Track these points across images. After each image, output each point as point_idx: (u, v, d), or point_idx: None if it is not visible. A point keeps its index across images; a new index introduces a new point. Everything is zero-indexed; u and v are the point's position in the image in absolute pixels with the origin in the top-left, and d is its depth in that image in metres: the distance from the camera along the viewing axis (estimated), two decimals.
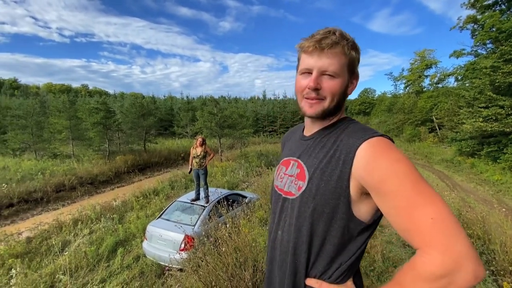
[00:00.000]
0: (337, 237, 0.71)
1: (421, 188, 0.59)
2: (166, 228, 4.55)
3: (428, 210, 0.56)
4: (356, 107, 64.24)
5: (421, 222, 0.56)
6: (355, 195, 0.69)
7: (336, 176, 0.69)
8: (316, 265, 0.74)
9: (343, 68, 0.74)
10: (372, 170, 0.64)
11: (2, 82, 50.12)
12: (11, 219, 7.71)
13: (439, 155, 16.74)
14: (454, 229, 0.53)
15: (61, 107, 14.85)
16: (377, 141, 0.66)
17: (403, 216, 0.59)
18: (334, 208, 0.70)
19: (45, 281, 4.26)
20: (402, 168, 0.61)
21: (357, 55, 0.76)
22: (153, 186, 9.84)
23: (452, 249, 0.52)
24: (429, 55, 30.91)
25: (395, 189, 0.60)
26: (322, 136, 0.80)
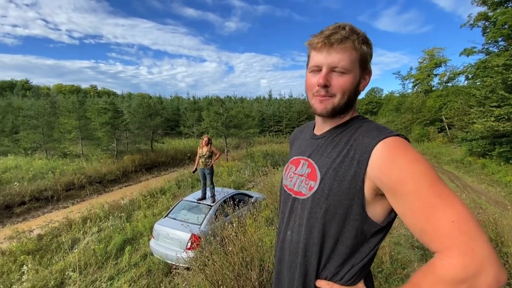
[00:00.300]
0: (350, 238, 0.70)
1: (439, 189, 0.57)
2: (173, 227, 4.59)
3: (448, 212, 0.54)
4: (363, 107, 63.59)
5: (441, 224, 0.54)
6: (369, 196, 0.67)
7: (350, 176, 0.68)
8: (328, 266, 0.73)
9: (354, 64, 0.71)
10: (389, 170, 0.62)
11: (14, 83, 51.46)
12: (23, 217, 7.90)
13: (448, 155, 16.44)
14: (476, 232, 0.52)
15: (70, 108, 15.14)
16: (393, 140, 0.65)
17: (420, 218, 0.58)
18: (348, 209, 0.69)
19: (55, 278, 4.36)
20: (420, 168, 0.60)
21: (369, 50, 0.74)
22: (160, 185, 9.95)
23: (474, 253, 0.50)
24: (438, 53, 30.36)
25: (412, 190, 0.59)
26: (334, 135, 0.77)
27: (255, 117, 23.58)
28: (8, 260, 4.94)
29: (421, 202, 0.57)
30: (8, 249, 5.38)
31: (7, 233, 6.40)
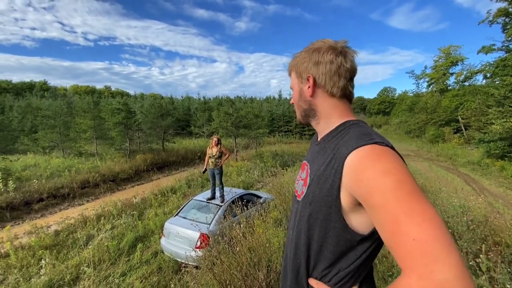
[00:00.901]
0: (332, 244, 0.71)
1: (407, 204, 0.54)
2: (183, 226, 4.67)
3: (411, 230, 0.52)
4: (375, 107, 62.38)
5: (403, 243, 0.53)
6: (347, 205, 0.67)
7: (329, 185, 0.69)
8: (317, 267, 0.76)
9: (293, 80, 0.88)
10: (358, 181, 0.62)
11: (33, 85, 53.54)
12: (41, 213, 8.23)
13: (465, 157, 15.90)
14: (440, 252, 0.49)
15: (86, 108, 15.60)
16: (367, 150, 0.63)
17: (387, 233, 0.57)
18: (327, 216, 0.70)
19: (71, 272, 4.52)
20: (388, 181, 0.57)
21: (296, 62, 0.85)
22: (171, 184, 10.11)
23: (432, 276, 0.48)
24: (455, 51, 29.41)
25: (379, 204, 0.58)
26: (326, 142, 0.80)
27: (264, 117, 23.55)
28: (27, 254, 5.17)
29: (387, 217, 0.56)
30: (28, 243, 5.63)
31: (26, 228, 6.69)
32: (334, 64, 0.77)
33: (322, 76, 0.78)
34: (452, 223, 3.66)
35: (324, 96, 0.80)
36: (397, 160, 0.62)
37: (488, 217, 4.32)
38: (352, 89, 0.82)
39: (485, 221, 4.14)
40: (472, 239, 3.25)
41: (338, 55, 0.77)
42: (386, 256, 3.47)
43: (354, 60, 0.79)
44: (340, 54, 0.77)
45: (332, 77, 0.77)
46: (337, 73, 0.77)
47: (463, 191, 8.23)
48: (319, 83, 0.79)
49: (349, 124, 0.76)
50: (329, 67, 0.77)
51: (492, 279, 2.71)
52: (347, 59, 0.78)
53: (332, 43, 0.80)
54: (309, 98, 0.82)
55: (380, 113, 60.85)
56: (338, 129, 0.78)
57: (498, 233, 3.69)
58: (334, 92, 0.78)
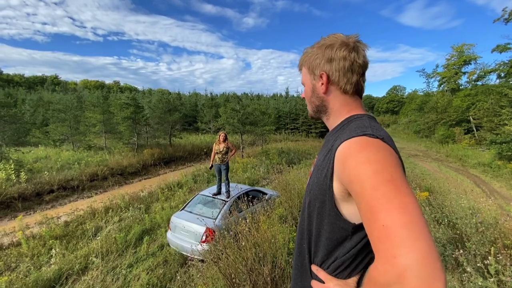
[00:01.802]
0: (328, 231, 0.75)
1: (381, 192, 0.56)
2: (189, 220, 4.73)
3: (381, 217, 0.54)
4: (384, 106, 61.46)
5: (374, 228, 0.55)
6: (339, 194, 0.70)
7: (324, 174, 0.73)
8: (317, 254, 0.80)
9: (305, 76, 0.88)
10: (343, 171, 0.65)
11: (45, 79, 54.64)
12: (51, 204, 8.45)
13: (475, 159, 15.56)
14: (406, 238, 0.49)
15: (95, 102, 15.86)
16: (354, 141, 0.66)
17: (364, 220, 0.59)
18: (322, 204, 0.74)
19: (80, 262, 4.64)
20: (366, 169, 0.59)
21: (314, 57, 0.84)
22: (177, 179, 10.22)
23: (396, 260, 0.49)
24: (468, 50, 28.62)
25: (357, 192, 0.61)
26: (330, 135, 0.84)
27: (271, 114, 23.53)
28: (38, 244, 5.32)
29: (363, 205, 0.59)
30: (39, 233, 5.80)
31: (37, 218, 6.88)
32: (348, 60, 0.77)
33: (336, 73, 0.79)
34: (461, 224, 3.61)
35: (337, 93, 0.82)
36: (383, 150, 0.63)
37: (498, 219, 4.24)
38: (364, 84, 0.83)
39: (495, 223, 4.06)
40: (481, 241, 3.20)
41: (351, 51, 0.77)
42: None
43: (366, 55, 0.80)
44: (353, 50, 0.77)
45: (346, 74, 0.78)
46: (350, 70, 0.78)
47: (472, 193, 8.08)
48: (333, 80, 0.80)
49: (352, 118, 0.78)
50: (342, 64, 0.77)
51: (501, 282, 2.66)
52: (360, 55, 0.78)
53: (344, 38, 0.79)
54: (322, 95, 0.84)
55: (389, 112, 59.93)
56: (342, 123, 0.81)
57: (508, 236, 3.62)
58: (347, 89, 0.80)
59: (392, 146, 0.66)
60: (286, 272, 2.65)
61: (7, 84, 43.49)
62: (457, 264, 3.04)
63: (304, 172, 7.67)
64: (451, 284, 2.78)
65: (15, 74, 54.57)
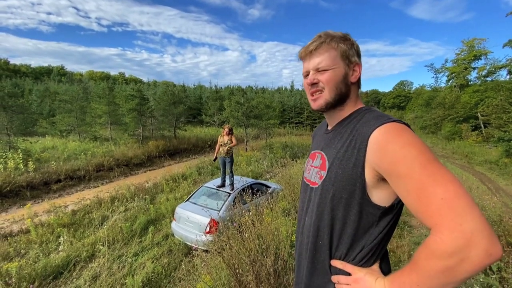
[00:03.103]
0: (356, 221, 0.76)
1: (431, 169, 0.60)
2: (193, 211, 4.80)
3: (438, 191, 0.57)
4: (390, 101, 60.62)
5: (431, 203, 0.58)
6: (371, 181, 0.72)
7: (352, 163, 0.74)
8: (340, 247, 0.80)
9: (335, 60, 0.82)
10: (383, 155, 0.67)
11: (51, 69, 54.96)
12: (59, 193, 8.63)
13: (482, 156, 15.38)
14: (465, 207, 0.54)
15: (101, 93, 15.95)
16: (388, 126, 0.69)
17: (414, 198, 0.61)
18: (351, 194, 0.75)
19: (87, 250, 4.76)
20: (412, 151, 0.63)
21: (347, 46, 0.83)
22: (182, 171, 10.32)
23: (462, 227, 0.53)
24: (479, 44, 27.86)
25: (405, 172, 0.63)
26: (340, 127, 0.86)
27: (275, 108, 23.39)
28: (46, 231, 5.46)
29: (413, 184, 0.61)
30: (47, 221, 5.94)
31: (45, 207, 7.05)
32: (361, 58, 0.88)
33: (361, 68, 0.87)
34: None
35: (356, 86, 0.88)
36: (415, 135, 0.68)
37: (502, 217, 4.22)
38: None
39: (499, 221, 4.04)
40: None
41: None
42: (394, 251, 3.47)
43: None
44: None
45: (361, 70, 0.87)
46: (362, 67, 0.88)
47: (478, 190, 8.00)
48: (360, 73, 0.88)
49: (363, 110, 0.83)
50: (360, 61, 0.87)
51: (503, 279, 2.67)
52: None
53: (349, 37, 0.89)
54: (351, 83, 0.86)
55: (395, 108, 59.13)
56: (352, 115, 0.84)
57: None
58: (360, 84, 0.88)
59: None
60: (289, 264, 2.69)
61: (14, 74, 43.90)
62: None
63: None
64: None
65: (21, 64, 54.98)
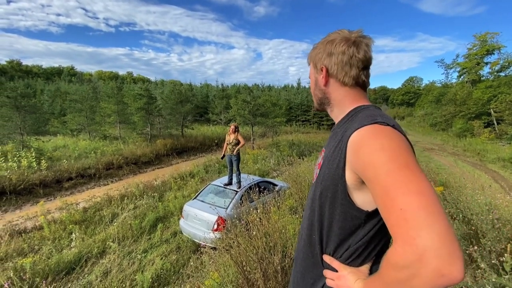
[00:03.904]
0: (340, 221, 0.76)
1: (397, 177, 0.57)
2: (201, 209, 4.85)
3: (398, 201, 0.55)
4: (399, 97, 59.64)
5: (392, 213, 0.56)
6: (352, 183, 0.71)
7: (336, 164, 0.75)
8: (329, 244, 0.81)
9: (311, 71, 0.94)
10: (357, 158, 0.67)
11: (61, 70, 56.13)
12: (70, 191, 8.84)
13: (494, 153, 14.98)
14: (424, 220, 0.51)
15: (110, 93, 16.18)
16: (366, 129, 0.67)
17: (380, 205, 0.60)
18: (334, 194, 0.76)
19: (98, 246, 4.88)
20: (381, 156, 0.61)
21: (318, 50, 0.88)
22: (189, 169, 10.43)
23: (415, 241, 0.50)
24: (491, 39, 27.06)
25: (372, 178, 0.62)
26: (338, 127, 0.86)
27: (282, 105, 23.33)
28: (59, 228, 5.62)
29: (379, 190, 0.60)
30: (59, 218, 6.10)
31: (57, 204, 7.23)
32: (346, 55, 0.81)
33: (334, 67, 0.83)
34: (476, 220, 3.52)
35: (336, 86, 0.86)
36: (395, 137, 0.64)
37: None
38: (366, 78, 0.85)
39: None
40: (497, 238, 3.12)
41: (351, 46, 0.80)
42: None
43: (368, 50, 0.82)
44: (352, 44, 0.80)
45: (344, 67, 0.82)
46: (348, 63, 0.81)
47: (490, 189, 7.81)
48: (332, 73, 0.85)
49: (360, 109, 0.81)
50: (340, 58, 0.81)
51: None
52: (360, 49, 0.80)
53: (346, 34, 0.83)
54: (323, 87, 0.88)
55: (404, 104, 58.17)
56: (349, 114, 0.83)
57: None
58: (346, 81, 0.83)
59: (402, 133, 0.68)
60: None
61: (26, 75, 45.04)
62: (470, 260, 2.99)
63: (315, 164, 7.63)
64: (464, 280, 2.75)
65: (33, 65, 56.34)
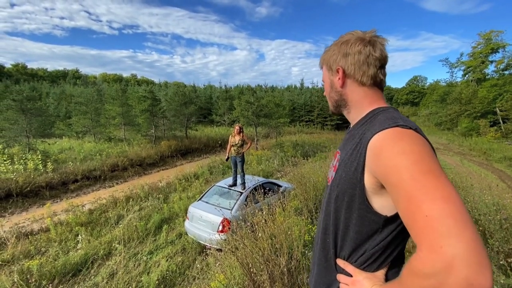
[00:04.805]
0: (357, 225, 0.75)
1: (422, 182, 0.56)
2: (206, 210, 4.86)
3: (424, 207, 0.54)
4: (403, 97, 59.18)
5: (416, 219, 0.55)
6: (371, 187, 0.70)
7: (354, 167, 0.73)
8: (344, 248, 0.80)
9: (324, 74, 0.92)
10: (378, 163, 0.65)
11: (66, 73, 56.76)
12: (76, 193, 8.92)
13: (501, 152, 14.79)
14: (452, 228, 0.49)
15: (114, 95, 16.33)
16: (387, 133, 0.66)
17: (403, 211, 0.59)
18: (352, 198, 0.74)
19: (104, 248, 4.91)
20: (404, 160, 0.59)
21: (331, 52, 0.87)
22: (194, 170, 10.46)
23: (442, 250, 0.49)
24: (496, 37, 26.76)
25: (395, 183, 0.60)
26: (355, 129, 0.84)
27: (285, 106, 23.30)
28: (65, 230, 5.67)
29: (402, 196, 0.58)
30: (65, 220, 6.16)
31: (64, 206, 7.30)
32: (363, 54, 0.79)
33: (351, 67, 0.81)
34: (484, 221, 3.48)
35: (354, 86, 0.83)
36: (418, 141, 0.63)
37: None
38: (384, 77, 0.83)
39: None
40: (504, 238, 3.08)
41: (366, 45, 0.79)
42: (410, 251, 3.41)
43: (383, 49, 0.81)
44: (368, 43, 0.80)
45: (361, 67, 0.80)
46: (366, 63, 0.80)
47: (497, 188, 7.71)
48: (349, 74, 0.83)
49: (378, 111, 0.79)
50: (357, 58, 0.80)
51: None
52: (376, 48, 0.79)
53: (360, 34, 0.82)
54: (340, 89, 0.86)
55: (408, 104, 57.67)
56: (367, 116, 0.81)
57: None
58: (364, 81, 0.81)
59: (425, 137, 0.66)
60: (302, 263, 2.68)
61: (31, 78, 45.61)
62: None
63: (319, 165, 7.60)
64: None
65: (38, 69, 57.06)
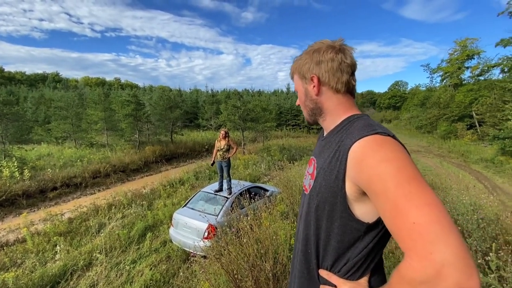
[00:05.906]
0: (339, 234, 0.74)
1: (407, 189, 0.56)
2: (191, 217, 4.77)
3: (410, 214, 0.54)
4: (386, 101, 61.15)
5: (403, 227, 0.55)
6: (352, 195, 0.70)
7: (334, 175, 0.72)
8: (326, 258, 0.79)
9: (297, 82, 0.92)
10: (360, 171, 0.65)
11: (46, 76, 54.65)
12: (55, 201, 8.53)
13: (477, 154, 15.52)
14: (439, 234, 0.50)
15: (96, 100, 15.85)
16: (368, 140, 0.66)
17: (388, 218, 0.59)
18: (333, 206, 0.74)
19: (84, 258, 4.70)
20: (388, 167, 0.59)
21: (303, 61, 0.86)
22: (179, 176, 10.27)
23: (432, 256, 0.49)
24: (471, 44, 28.27)
25: (379, 191, 0.60)
26: (331, 136, 0.84)
27: (272, 110, 23.43)
28: (43, 240, 5.39)
29: (387, 203, 0.58)
30: (43, 230, 5.86)
31: (41, 215, 6.95)
32: (335, 61, 0.81)
33: (326, 74, 0.82)
34: (462, 221, 3.61)
35: (329, 94, 0.84)
36: (398, 148, 0.64)
37: (499, 215, 4.23)
38: (355, 83, 0.85)
39: (496, 219, 4.06)
40: (482, 237, 3.21)
41: (338, 53, 0.81)
42: (393, 252, 3.47)
43: (353, 56, 0.84)
44: (339, 51, 0.82)
45: (335, 74, 0.81)
46: (339, 69, 0.81)
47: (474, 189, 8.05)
48: (323, 81, 0.83)
49: (353, 118, 0.80)
50: (330, 65, 0.81)
51: (502, 278, 2.68)
52: (347, 55, 0.82)
53: (330, 42, 0.84)
54: (315, 97, 0.86)
55: (391, 108, 59.66)
56: (342, 123, 0.81)
57: (509, 232, 3.62)
58: (339, 88, 0.82)
59: (401, 143, 0.67)
60: (288, 268, 2.68)
61: (8, 82, 43.56)
62: None
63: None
64: None
65: (16, 72, 54.60)
